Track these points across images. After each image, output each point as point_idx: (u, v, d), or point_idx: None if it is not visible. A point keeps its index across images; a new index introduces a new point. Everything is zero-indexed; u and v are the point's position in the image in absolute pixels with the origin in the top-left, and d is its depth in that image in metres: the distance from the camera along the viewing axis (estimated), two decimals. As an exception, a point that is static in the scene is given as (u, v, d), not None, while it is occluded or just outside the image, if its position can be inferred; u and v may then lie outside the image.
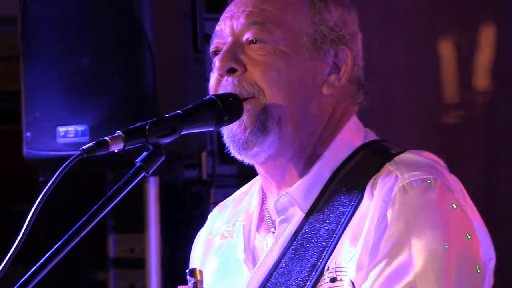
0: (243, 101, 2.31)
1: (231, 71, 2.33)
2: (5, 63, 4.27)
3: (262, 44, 2.32)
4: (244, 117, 2.32)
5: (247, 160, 2.36)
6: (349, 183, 2.32)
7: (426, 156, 2.32)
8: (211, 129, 2.35)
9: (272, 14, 2.34)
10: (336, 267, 2.23)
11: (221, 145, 2.25)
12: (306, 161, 2.35)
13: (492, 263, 2.28)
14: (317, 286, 2.23)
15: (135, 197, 4.17)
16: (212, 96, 2.34)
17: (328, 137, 2.39)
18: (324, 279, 2.22)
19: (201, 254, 2.58)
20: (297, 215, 2.32)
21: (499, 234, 2.45)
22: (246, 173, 2.59)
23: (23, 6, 4.09)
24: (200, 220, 2.61)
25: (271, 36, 2.31)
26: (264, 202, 2.45)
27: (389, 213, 2.19)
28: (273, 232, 2.37)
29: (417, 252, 2.16)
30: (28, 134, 4.07)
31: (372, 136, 2.44)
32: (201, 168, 5.56)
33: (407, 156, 2.30)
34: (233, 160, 2.55)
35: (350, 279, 2.20)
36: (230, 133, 2.33)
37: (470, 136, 5.37)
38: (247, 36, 2.34)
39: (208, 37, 5.53)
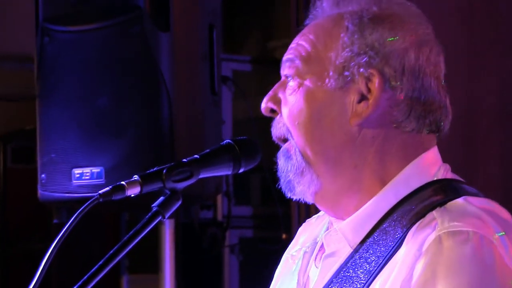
0: (284, 141, 2.32)
1: (272, 111, 2.35)
2: (22, 102, 4.25)
3: (290, 82, 2.32)
4: (281, 161, 2.34)
5: (300, 198, 2.35)
6: (399, 222, 2.26)
7: (479, 205, 2.21)
8: (228, 173, 2.37)
9: (303, 49, 2.34)
10: None
11: (237, 186, 2.27)
12: (362, 195, 2.31)
13: None
14: None
15: (149, 237, 4.15)
16: (229, 141, 2.35)
17: (385, 172, 2.32)
18: None
19: (278, 272, 2.58)
20: (345, 250, 2.30)
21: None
22: (261, 214, 2.61)
23: (39, 46, 4.09)
24: (215, 262, 2.60)
25: (297, 73, 2.31)
26: (330, 228, 2.41)
27: (418, 265, 2.13)
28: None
29: None
30: (43, 175, 4.04)
31: (445, 173, 2.36)
32: (216, 209, 5.54)
33: (458, 203, 2.21)
34: (249, 201, 2.55)
35: None
36: (281, 174, 2.34)
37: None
38: (284, 74, 2.35)
39: (224, 79, 5.52)
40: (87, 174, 3.91)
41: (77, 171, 3.94)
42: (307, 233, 2.54)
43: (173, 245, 4.14)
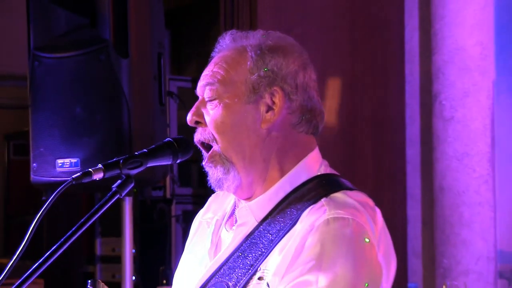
0: (208, 148, 2.34)
1: (196, 123, 2.34)
2: (20, 110, 4.28)
3: (212, 101, 2.30)
4: (209, 164, 2.33)
5: (227, 190, 2.37)
6: (294, 206, 2.25)
7: (355, 198, 2.25)
8: (169, 163, 2.42)
9: (219, 74, 2.32)
10: (264, 269, 2.20)
11: (181, 172, 2.28)
12: (267, 183, 2.32)
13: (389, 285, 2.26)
14: (250, 281, 2.20)
15: (115, 211, 4.18)
16: (170, 139, 2.39)
17: (286, 164, 2.33)
18: (255, 277, 2.20)
19: (193, 231, 2.56)
20: (252, 222, 2.30)
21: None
22: (199, 194, 2.61)
23: (31, 69, 4.10)
24: (164, 229, 2.59)
25: (217, 93, 2.29)
26: (236, 205, 2.41)
27: (310, 237, 2.15)
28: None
29: (325, 272, 2.10)
30: (34, 164, 4.06)
31: (325, 168, 2.38)
32: (165, 189, 5.59)
33: (339, 195, 2.24)
34: (189, 183, 2.57)
35: (267, 282, 2.18)
36: (210, 176, 2.34)
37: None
38: (204, 95, 2.33)
39: (171, 94, 5.54)
40: (67, 163, 3.93)
41: (59, 161, 3.95)
42: (217, 204, 2.52)
43: (131, 216, 4.13)
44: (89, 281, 1.95)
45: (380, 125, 5.57)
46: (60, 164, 3.92)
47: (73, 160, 3.86)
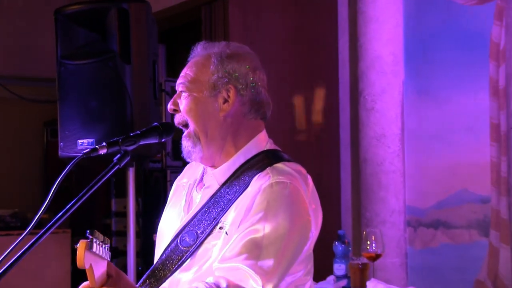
0: (184, 126, 2.38)
1: (174, 110, 2.39)
2: (52, 104, 4.31)
3: (184, 94, 2.35)
4: (185, 140, 2.37)
5: (195, 160, 2.40)
6: (246, 173, 2.28)
7: (292, 167, 2.28)
8: (156, 141, 2.43)
9: (189, 76, 2.34)
10: (224, 221, 2.23)
11: (173, 149, 2.31)
12: (226, 155, 2.34)
13: (316, 234, 2.30)
14: (213, 230, 2.23)
15: (124, 178, 4.19)
16: (157, 123, 2.43)
17: (239, 142, 2.36)
18: (217, 227, 2.23)
19: (172, 192, 2.56)
20: (215, 186, 2.33)
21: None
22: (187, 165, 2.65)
23: (58, 72, 4.12)
24: (158, 193, 2.61)
25: (187, 89, 2.33)
26: (205, 173, 2.42)
27: (258, 197, 2.18)
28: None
29: (270, 222, 2.14)
30: (61, 144, 4.08)
31: (270, 145, 2.39)
32: (162, 162, 5.57)
33: (280, 165, 2.26)
34: (180, 158, 2.60)
35: (226, 231, 2.21)
36: (183, 149, 2.38)
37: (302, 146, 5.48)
38: (179, 90, 2.37)
39: (167, 92, 5.55)
40: (85, 142, 3.93)
41: (80, 141, 3.96)
42: (190, 172, 2.54)
43: (134, 182, 4.16)
44: (88, 230, 1.87)
45: (322, 114, 5.56)
46: (80, 143, 3.92)
47: (90, 140, 3.85)
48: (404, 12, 5.11)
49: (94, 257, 1.80)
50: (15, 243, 2.10)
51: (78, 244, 1.77)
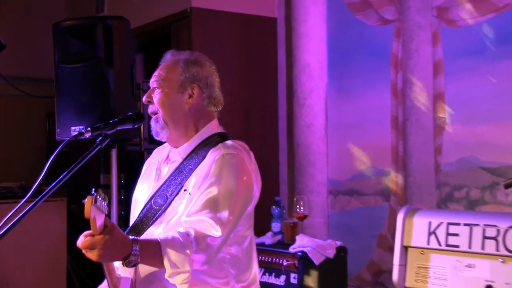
0: (154, 114, 2.34)
1: (148, 102, 2.36)
2: (51, 99, 4.25)
3: (157, 90, 2.33)
4: (153, 123, 2.34)
5: (162, 139, 2.38)
6: (203, 149, 2.29)
7: (238, 143, 2.30)
8: (130, 127, 2.40)
9: (162, 75, 2.33)
10: (187, 185, 2.24)
11: (150, 134, 2.30)
12: (187, 137, 2.33)
13: (258, 195, 2.30)
14: (179, 192, 2.23)
15: (109, 158, 4.14)
16: (130, 113, 2.41)
17: (198, 127, 2.35)
18: (182, 189, 2.24)
19: (143, 170, 2.53)
20: (179, 160, 2.33)
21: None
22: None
23: (56, 74, 4.06)
24: (137, 170, 2.60)
25: (160, 85, 2.32)
26: (170, 151, 2.41)
27: (213, 166, 2.20)
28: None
29: (222, 185, 2.16)
30: (58, 130, 4.02)
31: (221, 129, 2.40)
32: (140, 145, 5.46)
33: (229, 142, 2.28)
34: (155, 142, 2.56)
35: (189, 192, 2.21)
36: (152, 129, 2.36)
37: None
38: (152, 86, 2.35)
39: (144, 91, 5.50)
40: (77, 129, 3.83)
41: (73, 128, 3.89)
42: (158, 153, 2.53)
43: (116, 161, 4.12)
44: (93, 188, 1.87)
45: (264, 109, 5.52)
46: (73, 130, 3.85)
47: (81, 127, 3.76)
48: (327, 30, 5.18)
49: (96, 210, 1.79)
50: (16, 208, 2.05)
51: (86, 199, 1.76)
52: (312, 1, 5.20)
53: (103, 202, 1.84)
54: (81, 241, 1.89)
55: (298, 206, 4.14)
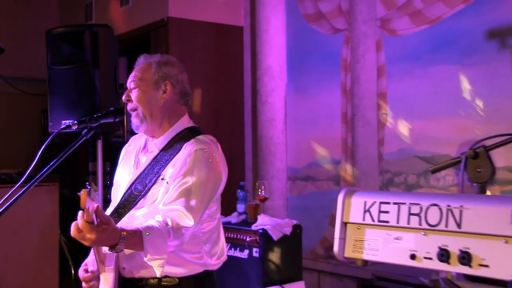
0: (134, 111, 2.29)
1: (128, 100, 2.30)
2: (43, 96, 4.19)
3: (134, 89, 2.28)
4: (134, 118, 2.29)
5: (140, 131, 2.32)
6: (177, 142, 2.24)
7: (208, 138, 2.25)
8: (111, 121, 2.36)
9: (137, 76, 2.29)
10: (164, 174, 2.19)
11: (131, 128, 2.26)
12: (163, 130, 2.28)
13: (224, 182, 2.26)
14: (157, 180, 2.19)
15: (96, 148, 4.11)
16: (112, 108, 2.37)
17: (172, 121, 2.29)
18: (159, 178, 2.19)
19: (121, 157, 2.47)
20: (156, 151, 2.28)
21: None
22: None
23: (48, 74, 4.02)
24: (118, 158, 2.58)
25: (136, 85, 2.27)
26: (147, 142, 2.36)
27: (188, 159, 2.16)
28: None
29: (195, 176, 2.13)
30: (51, 123, 3.99)
31: (192, 123, 2.34)
32: (124, 137, 5.42)
33: (201, 137, 2.23)
34: (135, 134, 2.50)
35: (166, 181, 2.17)
36: (132, 124, 2.30)
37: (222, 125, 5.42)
38: (130, 86, 2.31)
39: (122, 87, 5.42)
40: (67, 122, 3.66)
41: (63, 121, 3.86)
42: (135, 141, 2.48)
43: (102, 151, 4.08)
44: (87, 183, 1.87)
45: (232, 105, 5.51)
46: (64, 123, 3.79)
47: (70, 121, 3.50)
48: (286, 38, 5.21)
49: (90, 200, 1.80)
50: (11, 191, 2.03)
51: (82, 192, 1.77)
52: (273, 12, 5.22)
53: (95, 193, 1.85)
54: (75, 228, 1.84)
55: (259, 190, 4.17)
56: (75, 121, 2.30)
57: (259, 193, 4.15)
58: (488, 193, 1.56)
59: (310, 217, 4.82)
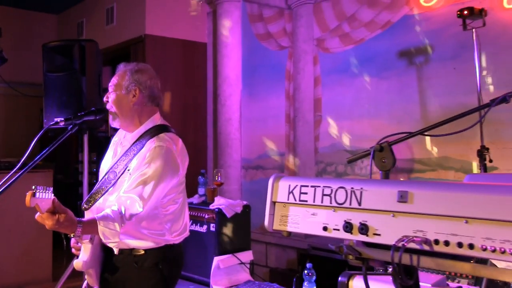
0: (108, 110, 2.21)
1: (107, 102, 2.22)
2: (40, 98, 4.09)
3: (112, 93, 2.20)
4: (111, 117, 2.22)
5: (116, 127, 2.25)
6: (144, 138, 2.14)
7: (168, 136, 2.14)
8: (93, 118, 2.26)
9: (115, 82, 2.21)
10: (130, 166, 2.10)
11: None
12: (134, 126, 2.19)
13: (184, 172, 2.17)
14: (124, 171, 2.10)
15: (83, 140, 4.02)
16: (93, 108, 2.28)
17: (142, 119, 2.19)
18: (126, 169, 2.10)
19: (110, 145, 2.34)
20: (128, 145, 2.19)
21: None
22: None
23: (44, 80, 3.93)
24: (105, 151, 2.52)
25: (114, 89, 2.19)
26: (125, 136, 2.25)
27: (148, 154, 2.07)
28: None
29: (152, 169, 2.04)
30: (45, 120, 3.90)
31: (162, 121, 2.23)
32: (107, 132, 5.32)
33: (162, 135, 2.13)
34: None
35: (130, 172, 2.09)
36: (109, 119, 2.22)
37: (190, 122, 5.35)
38: (109, 90, 2.23)
39: (105, 91, 5.34)
40: (58, 119, 3.68)
41: (56, 118, 3.52)
42: (119, 134, 2.35)
43: (87, 144, 3.96)
44: (33, 186, 1.71)
45: (197, 107, 5.49)
46: (55, 120, 3.69)
47: (62, 118, 3.56)
48: (242, 52, 5.21)
49: (39, 199, 1.72)
50: (9, 175, 1.97)
51: (27, 193, 1.70)
52: (231, 32, 5.21)
53: (46, 191, 1.74)
54: (39, 215, 1.82)
55: (216, 176, 4.14)
56: (63, 119, 2.22)
57: (216, 179, 4.14)
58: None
59: (260, 199, 4.79)
